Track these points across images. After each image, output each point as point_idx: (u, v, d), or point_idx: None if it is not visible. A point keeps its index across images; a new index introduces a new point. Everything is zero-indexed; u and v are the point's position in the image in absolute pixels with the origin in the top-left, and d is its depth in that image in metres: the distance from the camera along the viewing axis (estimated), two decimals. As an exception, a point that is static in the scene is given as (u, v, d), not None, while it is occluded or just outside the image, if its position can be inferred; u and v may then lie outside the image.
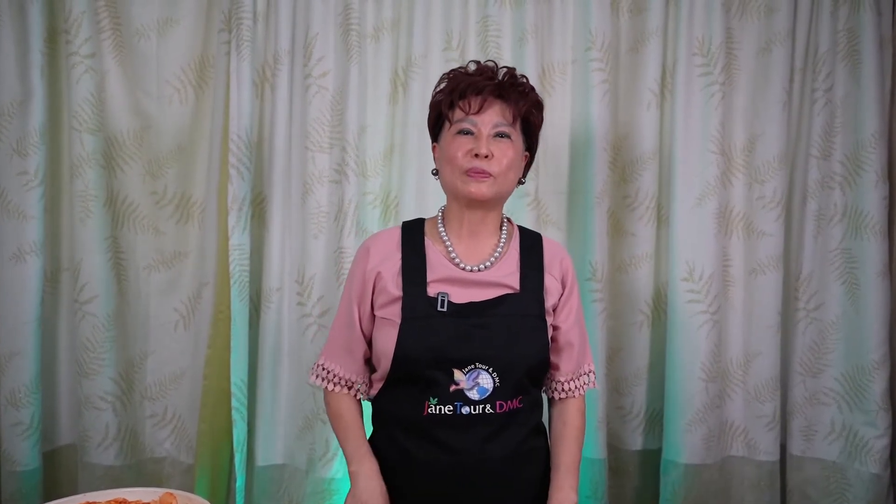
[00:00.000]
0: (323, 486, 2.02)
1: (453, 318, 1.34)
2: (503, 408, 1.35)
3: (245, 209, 1.98)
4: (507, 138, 1.38)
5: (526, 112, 1.40)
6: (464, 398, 1.32)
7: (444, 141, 1.41)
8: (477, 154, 1.34)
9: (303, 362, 2.03)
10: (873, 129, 2.04)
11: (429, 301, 1.35)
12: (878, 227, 2.05)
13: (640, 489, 2.18)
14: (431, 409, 1.33)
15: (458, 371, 1.32)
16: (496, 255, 1.42)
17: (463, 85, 1.38)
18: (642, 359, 2.14)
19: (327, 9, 2.01)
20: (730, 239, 2.11)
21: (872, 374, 2.05)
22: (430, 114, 1.46)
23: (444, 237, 1.42)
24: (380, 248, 1.43)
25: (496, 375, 1.33)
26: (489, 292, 1.38)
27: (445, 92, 1.41)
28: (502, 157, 1.36)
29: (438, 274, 1.38)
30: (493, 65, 1.42)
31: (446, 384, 1.32)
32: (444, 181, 1.42)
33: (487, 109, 1.37)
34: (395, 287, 1.37)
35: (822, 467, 2.13)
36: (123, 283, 2.06)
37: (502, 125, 1.37)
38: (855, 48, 2.06)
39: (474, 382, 1.33)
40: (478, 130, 1.36)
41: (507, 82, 1.39)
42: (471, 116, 1.37)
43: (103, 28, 1.99)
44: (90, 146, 1.98)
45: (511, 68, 1.43)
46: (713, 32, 2.05)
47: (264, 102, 2.03)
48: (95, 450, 2.03)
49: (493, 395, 1.33)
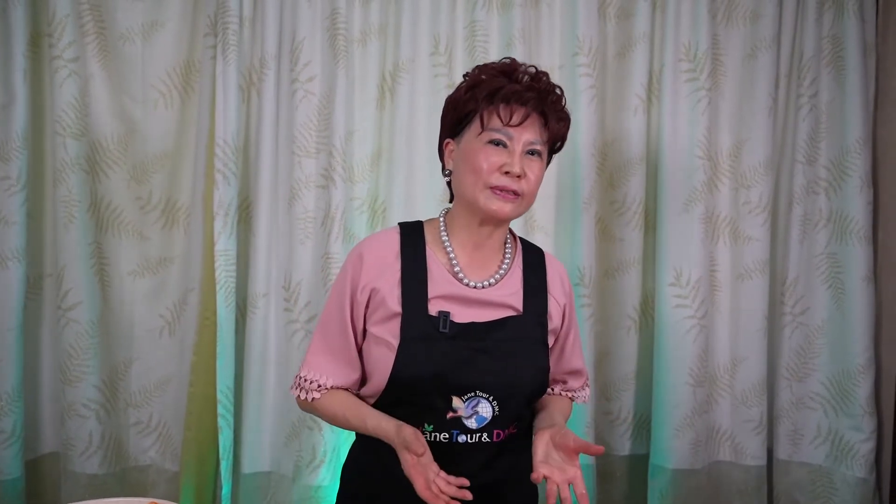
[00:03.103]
0: (310, 494, 2.01)
1: (454, 341, 1.25)
2: (500, 436, 1.28)
3: (231, 214, 1.97)
4: (538, 156, 1.27)
5: (563, 133, 1.32)
6: (461, 426, 1.25)
7: (469, 145, 1.27)
8: (508, 172, 1.23)
9: (290, 369, 2.02)
10: (858, 135, 2.06)
11: (430, 321, 1.25)
12: (863, 231, 2.06)
13: (627, 494, 2.18)
14: (426, 436, 1.25)
15: (457, 399, 1.24)
16: (501, 273, 1.32)
17: (507, 91, 1.25)
18: (630, 364, 2.14)
19: (314, 13, 2.00)
20: (716, 244, 2.12)
21: (858, 378, 2.07)
22: (455, 110, 1.30)
23: (447, 247, 1.31)
24: (375, 257, 1.30)
25: (496, 404, 1.26)
26: (491, 313, 1.29)
27: (483, 92, 1.26)
28: (532, 176, 1.26)
29: (440, 290, 1.28)
30: (533, 69, 1.29)
31: (443, 411, 1.24)
32: (460, 188, 1.29)
33: (527, 125, 1.25)
34: (395, 302, 1.26)
35: (809, 471, 2.14)
36: (107, 290, 2.04)
37: (537, 143, 1.27)
38: (839, 54, 2.08)
39: (473, 411, 1.25)
40: (511, 145, 1.24)
41: (549, 97, 1.28)
42: (508, 128, 1.25)
43: (87, 32, 1.97)
44: (74, 151, 1.96)
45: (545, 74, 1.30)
46: (699, 38, 2.06)
47: (251, 107, 2.02)
48: (79, 458, 2.00)
49: (491, 423, 1.26)
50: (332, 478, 2.01)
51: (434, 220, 1.37)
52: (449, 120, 1.33)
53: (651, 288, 2.13)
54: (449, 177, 1.34)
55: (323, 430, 1.99)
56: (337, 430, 2.00)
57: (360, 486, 1.35)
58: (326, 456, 2.00)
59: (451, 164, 1.33)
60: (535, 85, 1.27)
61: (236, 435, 2.03)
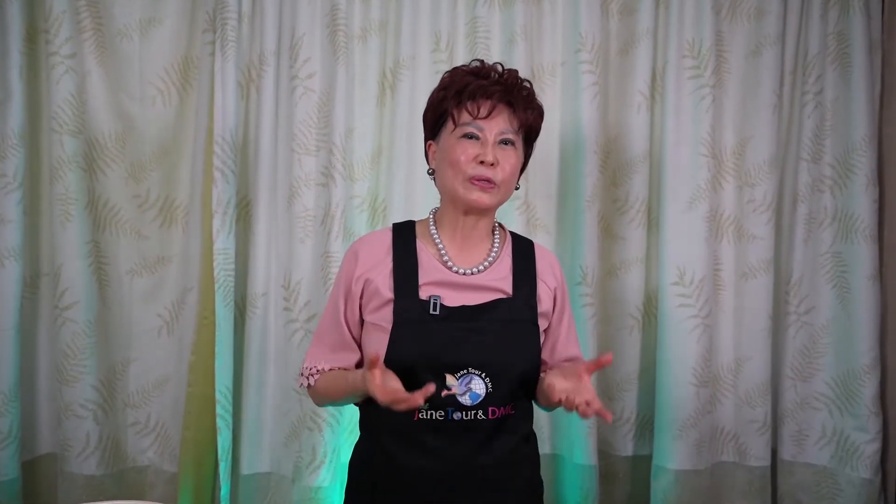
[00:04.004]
0: (310, 495, 1.99)
1: (446, 322, 1.31)
2: (495, 414, 1.32)
3: (230, 213, 1.95)
4: (511, 145, 1.36)
5: (532, 121, 1.39)
6: (456, 404, 1.30)
7: (446, 142, 1.37)
8: (482, 161, 1.32)
9: (289, 368, 2.00)
10: (863, 133, 2.04)
11: (421, 304, 1.32)
12: (869, 230, 2.04)
13: (630, 495, 2.17)
14: (422, 414, 1.30)
15: (450, 376, 1.30)
16: (489, 260, 1.40)
17: (473, 87, 1.34)
18: (633, 364, 2.12)
19: (314, 9, 1.98)
20: (720, 243, 2.10)
21: (863, 378, 2.05)
22: (431, 111, 1.41)
23: (436, 240, 1.40)
24: (369, 252, 1.40)
25: (489, 381, 1.31)
26: (482, 296, 1.36)
27: (452, 91, 1.36)
28: (507, 165, 1.34)
29: (430, 277, 1.36)
30: (500, 67, 1.38)
31: (438, 389, 1.28)
32: (442, 183, 1.39)
33: (496, 116, 1.34)
34: (387, 290, 1.34)
35: (813, 472, 2.12)
36: (105, 289, 2.02)
37: (508, 132, 1.35)
38: (845, 51, 2.06)
39: (467, 388, 1.30)
40: (483, 136, 1.33)
41: (516, 89, 1.36)
42: (478, 121, 1.33)
43: (84, 28, 1.95)
44: (70, 148, 1.94)
45: (514, 71, 1.39)
46: (703, 35, 2.04)
47: (249, 104, 2.00)
48: (76, 459, 1.98)
49: (486, 400, 1.31)
50: (332, 479, 1.99)
51: (424, 219, 1.45)
52: (428, 122, 1.42)
53: (654, 287, 2.11)
54: (433, 175, 1.43)
55: (323, 431, 1.97)
56: (337, 430, 1.99)
57: (365, 477, 1.40)
58: (327, 457, 1.98)
59: (433, 164, 1.42)
60: (501, 80, 1.36)
61: (235, 435, 2.01)
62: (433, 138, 1.42)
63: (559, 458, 2.11)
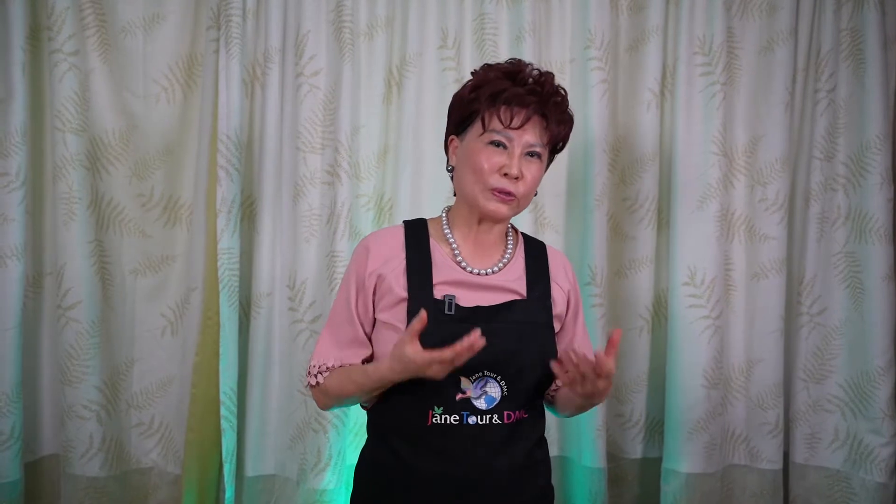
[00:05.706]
0: (315, 497, 1.97)
1: (460, 324, 1.26)
2: (510, 418, 1.30)
3: (234, 212, 1.93)
4: (537, 158, 1.33)
5: (563, 135, 1.36)
6: (471, 407, 1.27)
7: (472, 145, 1.32)
8: (507, 174, 1.28)
9: (294, 369, 1.98)
10: (877, 131, 2.01)
11: (435, 304, 1.29)
12: (883, 230, 2.01)
13: (639, 499, 2.14)
14: (436, 418, 1.27)
15: (465, 379, 1.27)
16: (504, 261, 1.37)
17: (509, 94, 1.29)
18: (642, 365, 2.09)
19: (319, 5, 1.96)
20: (731, 242, 2.07)
21: (877, 380, 2.02)
22: (459, 108, 1.36)
23: (449, 239, 1.37)
24: (381, 247, 1.36)
25: (504, 384, 1.28)
26: (496, 297, 1.33)
27: (486, 93, 1.30)
28: (530, 177, 1.31)
29: (444, 276, 1.33)
30: (536, 71, 1.33)
31: (452, 392, 1.27)
32: (460, 186, 1.35)
33: (528, 128, 1.30)
34: (400, 288, 1.31)
35: (826, 476, 2.09)
36: (108, 288, 2.01)
37: (537, 146, 1.31)
38: (858, 48, 2.03)
39: (482, 391, 1.28)
40: (511, 146, 1.29)
41: (552, 100, 1.32)
42: (508, 130, 1.29)
43: (88, 25, 1.93)
44: (74, 147, 1.92)
45: (550, 76, 1.33)
46: (714, 31, 2.01)
47: (254, 102, 1.98)
48: (79, 460, 1.96)
49: (501, 404, 1.28)
50: (337, 481, 1.97)
51: (437, 217, 1.43)
52: (454, 117, 1.38)
53: (664, 287, 2.09)
54: (452, 172, 1.40)
55: (328, 433, 1.95)
56: (343, 432, 1.97)
57: (375, 483, 1.36)
58: (332, 459, 1.96)
59: (454, 161, 1.38)
60: (537, 88, 1.31)
61: (240, 437, 1.99)
62: (457, 134, 1.38)
63: (568, 461, 2.09)
